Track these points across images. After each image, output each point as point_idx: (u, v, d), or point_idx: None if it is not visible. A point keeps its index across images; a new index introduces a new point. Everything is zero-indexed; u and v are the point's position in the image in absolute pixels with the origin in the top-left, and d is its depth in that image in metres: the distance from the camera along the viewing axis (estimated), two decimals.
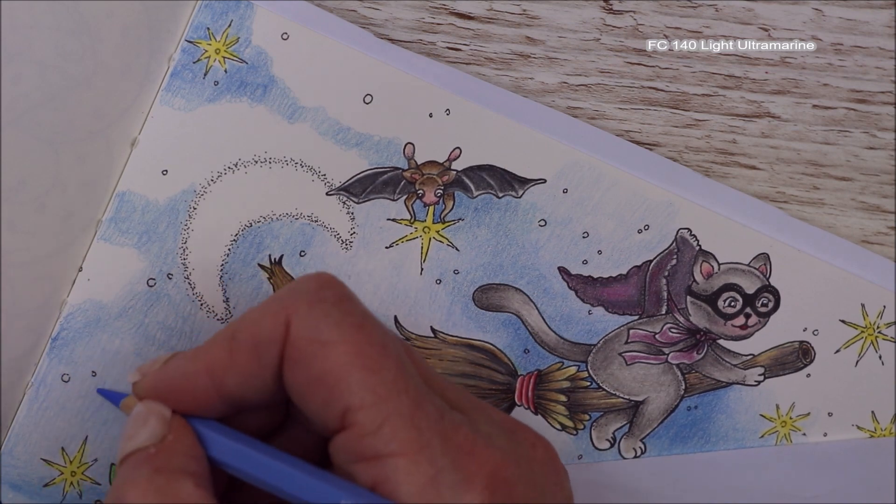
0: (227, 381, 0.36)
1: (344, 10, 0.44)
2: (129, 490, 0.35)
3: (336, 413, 0.35)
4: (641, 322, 0.47)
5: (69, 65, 0.41)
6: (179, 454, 0.36)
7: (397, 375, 0.35)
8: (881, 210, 0.47)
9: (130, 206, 0.44)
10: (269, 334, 0.36)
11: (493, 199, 0.46)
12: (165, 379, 0.38)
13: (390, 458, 0.34)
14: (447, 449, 0.34)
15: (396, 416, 0.34)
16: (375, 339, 0.35)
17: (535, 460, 0.37)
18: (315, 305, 0.35)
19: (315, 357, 0.35)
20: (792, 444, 0.49)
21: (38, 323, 0.44)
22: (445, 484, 0.34)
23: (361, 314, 0.36)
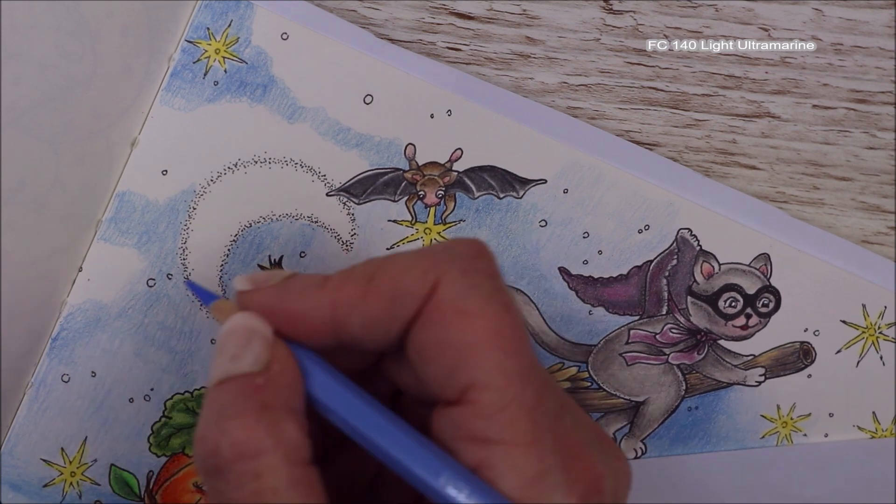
0: (351, 320, 0.35)
1: (344, 10, 0.44)
2: (236, 424, 0.33)
3: (458, 385, 0.33)
4: (642, 322, 0.47)
5: (69, 65, 0.41)
6: (286, 389, 0.34)
7: (528, 365, 0.34)
8: (881, 210, 0.47)
9: (130, 206, 0.44)
10: (412, 288, 0.34)
11: (495, 199, 0.46)
12: (284, 299, 0.36)
13: (501, 445, 0.33)
14: (558, 448, 0.33)
15: (518, 405, 0.33)
16: (518, 322, 0.34)
17: (619, 474, 0.36)
18: (469, 273, 0.34)
19: (455, 325, 0.34)
20: (793, 445, 0.49)
21: (38, 323, 0.44)
22: (551, 483, 0.33)
23: (509, 294, 0.35)
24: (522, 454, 0.33)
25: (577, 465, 0.34)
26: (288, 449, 0.33)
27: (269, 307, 0.36)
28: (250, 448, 0.33)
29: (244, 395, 0.34)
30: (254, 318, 0.35)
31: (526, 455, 0.33)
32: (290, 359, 0.35)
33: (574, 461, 0.34)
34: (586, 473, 0.34)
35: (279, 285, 0.36)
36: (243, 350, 0.35)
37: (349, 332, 0.35)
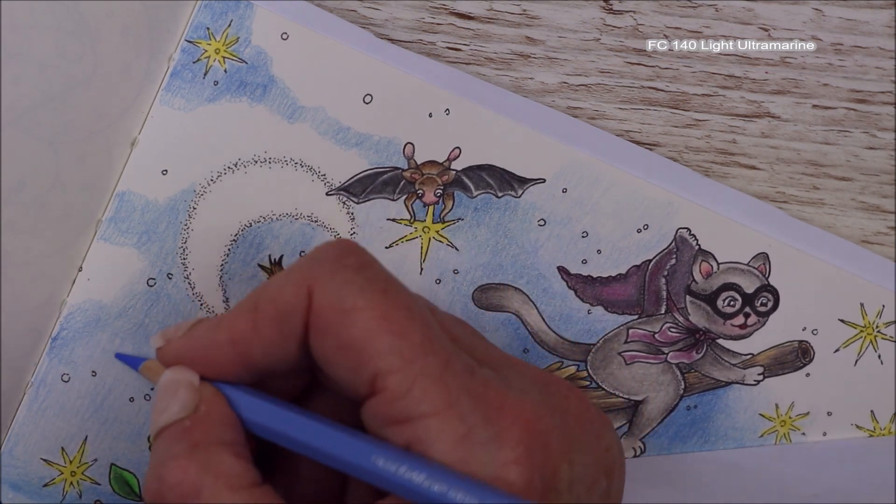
0: (251, 351, 0.36)
1: (344, 10, 0.44)
2: (171, 469, 0.34)
3: (365, 379, 0.34)
4: (641, 321, 0.47)
5: (69, 65, 0.41)
6: (215, 424, 0.36)
7: (424, 337, 0.34)
8: (881, 210, 0.47)
9: (130, 206, 0.44)
10: (291, 304, 0.35)
11: (493, 198, 0.46)
12: (190, 347, 0.37)
13: (421, 419, 0.34)
14: (477, 405, 0.34)
15: (425, 377, 0.34)
16: (400, 302, 0.35)
17: (568, 411, 0.37)
18: (337, 273, 0.35)
19: (340, 325, 0.34)
20: (791, 444, 0.49)
21: (38, 323, 0.44)
22: (478, 440, 0.33)
23: (384, 279, 0.36)
24: (443, 421, 0.34)
25: (503, 414, 0.34)
26: (228, 478, 0.34)
27: (181, 357, 0.37)
28: (189, 487, 0.34)
29: (175, 439, 0.35)
30: (180, 370, 0.37)
31: (446, 421, 0.34)
32: (217, 396, 0.37)
33: (498, 412, 0.34)
34: (515, 420, 0.34)
35: (185, 335, 0.37)
36: (170, 401, 0.36)
37: (254, 362, 0.36)
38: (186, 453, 0.35)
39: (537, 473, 0.34)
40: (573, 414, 0.37)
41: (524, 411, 0.34)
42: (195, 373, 0.37)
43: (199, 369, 0.37)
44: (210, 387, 0.37)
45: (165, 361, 0.38)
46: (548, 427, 0.35)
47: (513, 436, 0.34)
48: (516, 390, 0.35)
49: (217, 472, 0.34)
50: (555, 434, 0.35)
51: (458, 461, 0.33)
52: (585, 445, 0.37)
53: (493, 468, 0.33)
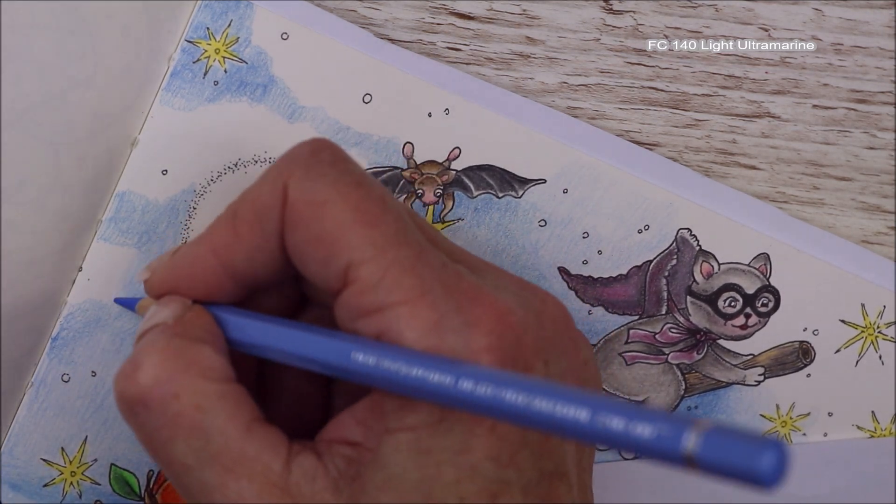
0: (233, 258, 0.36)
1: (344, 10, 0.44)
2: (147, 354, 0.35)
3: (338, 271, 0.34)
4: (641, 322, 0.47)
5: (69, 65, 0.41)
6: (197, 326, 0.36)
7: (398, 228, 0.34)
8: (881, 210, 0.47)
9: (130, 206, 0.44)
10: (267, 202, 0.35)
11: (493, 199, 0.46)
12: (175, 269, 0.37)
13: (392, 307, 0.33)
14: (450, 295, 0.34)
15: (397, 266, 0.34)
16: (374, 194, 0.35)
17: (544, 314, 0.36)
18: (312, 167, 0.35)
19: (313, 217, 0.34)
20: (792, 444, 0.49)
21: (38, 323, 0.44)
22: (449, 327, 0.33)
23: (359, 173, 0.35)
24: (412, 309, 0.33)
25: (475, 304, 0.34)
26: (202, 367, 0.35)
27: (167, 282, 0.38)
28: (164, 371, 0.34)
29: (156, 334, 0.36)
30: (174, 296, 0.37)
31: (416, 308, 0.33)
32: (203, 310, 0.37)
33: (470, 302, 0.34)
34: (487, 311, 0.34)
35: (168, 260, 0.38)
36: (160, 311, 0.37)
37: (239, 270, 0.36)
38: (164, 342, 0.35)
39: (509, 364, 0.33)
40: (549, 316, 0.36)
41: (497, 304, 0.34)
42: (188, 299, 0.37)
43: (185, 291, 0.37)
44: (199, 305, 0.37)
45: (153, 291, 0.38)
46: (522, 322, 0.34)
47: (485, 325, 0.33)
48: (490, 285, 0.35)
49: (192, 360, 0.35)
50: (530, 331, 0.35)
51: (429, 347, 0.33)
52: (562, 351, 0.36)
53: (464, 354, 0.33)
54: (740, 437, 0.26)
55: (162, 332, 0.36)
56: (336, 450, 0.35)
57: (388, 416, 0.34)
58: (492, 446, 0.33)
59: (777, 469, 0.26)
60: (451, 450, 0.33)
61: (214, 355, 0.35)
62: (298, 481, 0.34)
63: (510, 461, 0.34)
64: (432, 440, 0.33)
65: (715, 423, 0.27)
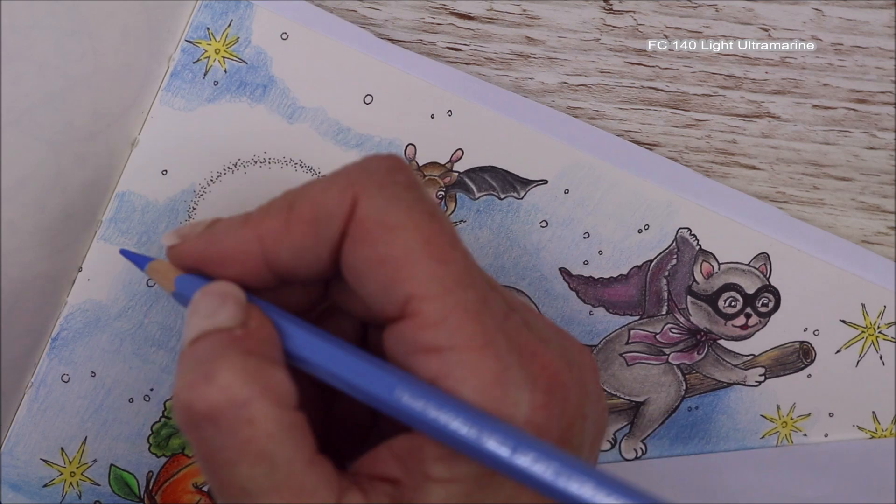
0: (280, 252, 0.35)
1: (344, 10, 0.44)
2: (221, 368, 0.32)
3: (397, 300, 0.33)
4: (642, 322, 0.47)
5: (69, 65, 0.41)
6: (266, 342, 0.34)
7: (465, 269, 0.33)
8: (881, 210, 0.47)
9: (130, 206, 0.44)
10: (332, 209, 0.34)
11: (496, 200, 0.46)
12: (212, 243, 0.35)
13: (454, 351, 0.32)
14: (512, 348, 0.33)
15: (462, 310, 0.32)
16: (447, 229, 0.34)
17: (584, 367, 0.36)
18: (387, 186, 0.34)
19: (381, 239, 0.33)
20: (793, 445, 0.49)
21: (38, 323, 0.44)
22: (511, 381, 0.32)
23: (433, 203, 0.34)
24: (477, 357, 0.32)
25: (534, 361, 0.33)
26: (277, 394, 0.33)
27: (199, 255, 0.36)
28: (240, 393, 0.32)
29: (225, 344, 0.33)
30: (226, 285, 0.35)
31: (481, 357, 0.32)
32: (265, 318, 0.35)
33: (530, 357, 0.33)
34: (545, 368, 0.33)
35: (204, 232, 0.36)
36: (218, 308, 0.34)
37: (281, 263, 0.35)
38: (241, 358, 0.33)
39: (555, 423, 0.33)
40: (587, 370, 0.36)
41: (552, 361, 0.34)
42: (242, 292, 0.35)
43: (217, 268, 0.35)
44: (257, 307, 0.35)
45: (180, 261, 0.36)
46: (569, 380, 0.34)
47: (543, 382, 0.33)
48: (543, 339, 0.34)
49: (267, 385, 0.33)
50: (574, 388, 0.34)
51: (491, 400, 0.32)
52: (595, 403, 0.36)
53: (526, 410, 0.32)
54: None
55: (232, 345, 0.33)
56: (378, 487, 0.34)
57: (431, 462, 0.33)
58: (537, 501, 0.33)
59: None
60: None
61: (287, 381, 0.33)
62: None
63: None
64: (482, 493, 0.33)
65: None
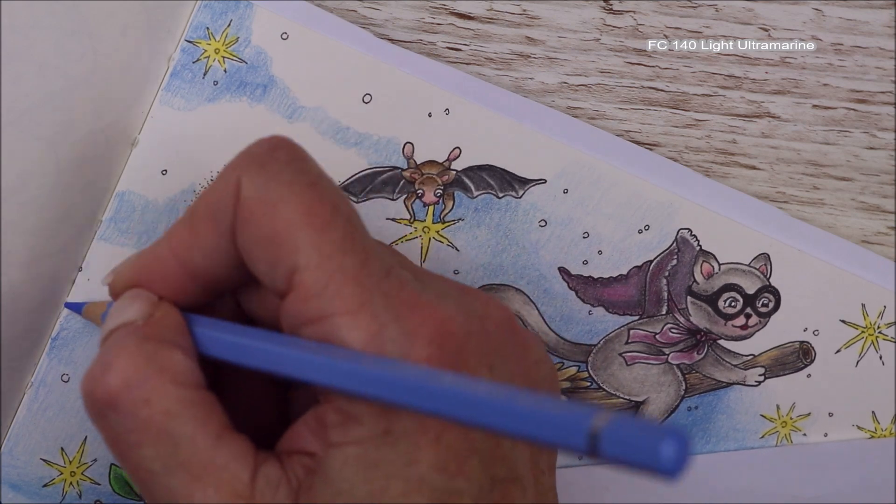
0: (192, 257, 0.36)
1: (344, 10, 0.44)
2: (118, 356, 0.34)
3: (284, 273, 0.34)
4: (642, 322, 0.47)
5: (69, 65, 0.41)
6: (168, 329, 0.36)
7: (345, 234, 0.34)
8: (881, 210, 0.47)
9: (130, 206, 0.44)
10: (221, 198, 0.35)
11: (494, 199, 0.46)
12: (136, 270, 0.37)
13: (334, 316, 0.33)
14: (390, 305, 0.33)
15: (340, 274, 0.33)
16: (326, 198, 0.34)
17: (488, 318, 0.36)
18: (266, 165, 0.35)
19: (264, 217, 0.34)
20: (792, 445, 0.49)
21: (38, 323, 0.44)
22: (389, 338, 0.33)
23: (315, 174, 0.35)
24: (354, 318, 0.33)
25: (414, 314, 0.34)
26: (174, 373, 0.34)
27: (129, 283, 0.37)
28: (135, 375, 0.34)
29: (125, 334, 0.35)
30: (137, 290, 0.37)
31: (357, 318, 0.33)
32: (172, 308, 0.36)
33: (410, 311, 0.34)
34: (428, 320, 0.34)
35: (130, 262, 0.38)
36: (125, 309, 0.36)
37: (198, 270, 0.36)
38: (135, 345, 0.34)
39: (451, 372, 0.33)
40: (494, 321, 0.36)
41: (438, 312, 0.34)
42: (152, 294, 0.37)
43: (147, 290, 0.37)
44: (168, 303, 0.37)
45: (116, 294, 0.38)
46: (463, 330, 0.34)
47: (425, 334, 0.33)
48: (432, 293, 0.35)
49: (164, 365, 0.34)
50: (473, 338, 0.34)
51: None
52: (508, 355, 0.36)
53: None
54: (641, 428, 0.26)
55: (132, 333, 0.35)
56: (296, 459, 0.35)
57: (331, 429, 0.34)
58: (438, 456, 0.33)
59: (678, 459, 0.26)
60: (397, 462, 0.33)
61: (185, 360, 0.35)
62: (263, 491, 0.33)
63: (458, 470, 0.33)
64: (379, 453, 0.33)
65: (615, 415, 0.27)
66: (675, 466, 0.26)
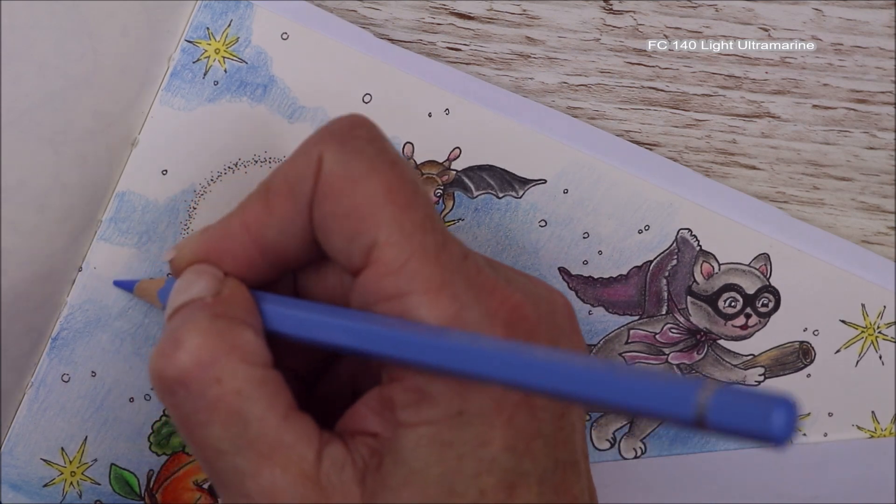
0: (266, 233, 0.36)
1: (344, 10, 0.44)
2: (189, 333, 0.34)
3: (362, 248, 0.34)
4: (642, 322, 0.47)
5: (69, 65, 0.41)
6: (237, 306, 0.35)
7: (426, 215, 0.34)
8: (881, 210, 0.47)
9: (130, 206, 0.44)
10: (301, 172, 0.35)
11: (494, 199, 0.46)
12: (205, 244, 0.37)
13: (413, 295, 0.33)
14: (470, 287, 0.33)
15: (421, 253, 0.33)
16: (407, 177, 0.34)
17: (555, 304, 0.36)
18: (348, 142, 0.35)
19: (345, 192, 0.34)
20: (792, 445, 0.49)
21: (38, 323, 0.44)
22: (469, 320, 0.33)
23: (395, 154, 0.35)
24: (434, 298, 0.33)
25: (492, 298, 0.34)
26: (244, 352, 0.34)
27: (195, 258, 0.37)
28: (207, 353, 0.33)
29: (194, 310, 0.35)
30: (203, 265, 0.37)
31: (437, 298, 0.33)
32: (241, 285, 0.36)
33: (489, 295, 0.34)
34: (504, 303, 0.34)
35: (196, 237, 0.37)
36: (192, 284, 0.36)
37: (270, 246, 0.36)
38: (207, 322, 0.34)
39: None
40: (559, 310, 0.36)
41: (512, 297, 0.34)
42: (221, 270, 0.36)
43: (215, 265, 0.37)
44: (234, 279, 0.36)
45: (180, 270, 0.37)
46: (534, 315, 0.34)
47: (501, 318, 0.34)
48: (505, 279, 0.35)
49: (235, 343, 0.34)
50: (543, 324, 0.35)
51: None
52: (572, 343, 0.37)
53: None
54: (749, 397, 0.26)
55: (202, 310, 0.35)
56: (360, 440, 0.35)
57: (402, 409, 0.34)
58: (508, 437, 0.33)
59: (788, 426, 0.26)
60: (471, 443, 0.33)
61: (256, 339, 0.34)
62: (328, 472, 0.34)
63: (526, 451, 0.34)
64: (452, 433, 0.33)
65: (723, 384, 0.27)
66: (785, 433, 0.26)
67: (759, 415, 0.26)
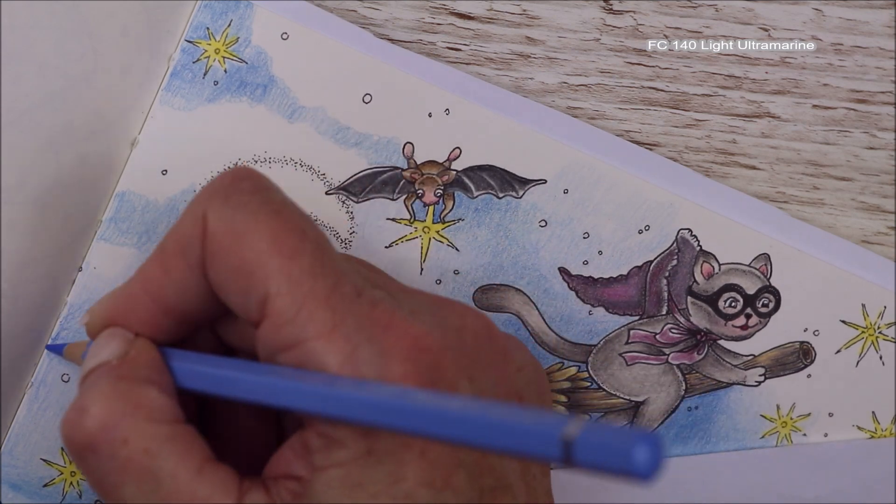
0: (165, 293, 0.36)
1: (344, 10, 0.44)
2: (93, 397, 0.34)
3: (257, 301, 0.34)
4: (642, 322, 0.47)
5: (69, 65, 0.41)
6: (143, 366, 0.36)
7: (314, 259, 0.34)
8: (881, 210, 0.47)
9: (130, 206, 0.44)
10: (189, 233, 0.35)
11: (494, 199, 0.46)
12: (111, 309, 0.37)
13: (308, 341, 0.33)
14: (362, 325, 0.34)
15: (311, 299, 0.33)
16: (292, 225, 0.35)
17: (465, 329, 0.36)
18: (232, 197, 0.35)
19: (232, 248, 0.34)
20: (792, 445, 0.49)
21: (39, 323, 0.44)
22: (363, 359, 0.33)
23: (280, 202, 0.35)
24: (328, 342, 0.33)
25: (388, 333, 0.34)
26: (149, 410, 0.34)
27: (104, 322, 0.37)
28: (110, 416, 0.34)
29: (100, 375, 0.35)
30: (114, 328, 0.37)
31: (331, 341, 0.33)
32: (148, 345, 0.37)
33: (384, 331, 0.34)
34: (402, 338, 0.34)
35: (105, 302, 0.38)
36: (101, 350, 0.36)
37: (171, 305, 0.36)
38: (110, 385, 0.35)
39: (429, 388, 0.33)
40: (471, 332, 0.36)
41: (411, 328, 0.34)
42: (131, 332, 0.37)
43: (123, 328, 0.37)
44: (143, 339, 0.37)
45: (94, 333, 0.38)
46: (439, 344, 0.34)
47: (399, 352, 0.34)
48: (406, 310, 0.35)
49: (139, 403, 0.34)
50: (449, 352, 0.35)
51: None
52: (489, 364, 0.36)
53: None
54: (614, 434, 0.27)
55: (107, 374, 0.35)
56: (282, 484, 0.35)
57: (315, 453, 0.34)
58: (424, 472, 0.33)
59: (651, 463, 0.26)
60: (383, 481, 0.33)
61: (161, 396, 0.35)
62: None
63: (445, 484, 0.34)
64: (362, 473, 0.33)
65: (587, 422, 0.27)
66: (649, 469, 0.26)
67: (622, 451, 0.26)
